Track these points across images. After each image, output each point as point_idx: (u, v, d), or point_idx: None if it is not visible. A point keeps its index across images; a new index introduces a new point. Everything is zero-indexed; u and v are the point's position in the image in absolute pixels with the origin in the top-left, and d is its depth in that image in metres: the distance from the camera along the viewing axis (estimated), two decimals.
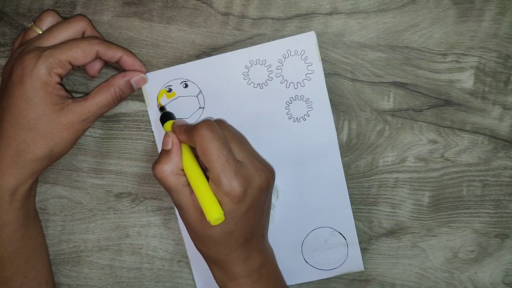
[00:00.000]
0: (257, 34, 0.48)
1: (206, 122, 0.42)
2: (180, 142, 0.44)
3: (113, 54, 0.45)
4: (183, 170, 0.43)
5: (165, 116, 0.47)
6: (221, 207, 0.41)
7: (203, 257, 0.46)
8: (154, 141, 0.50)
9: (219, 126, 0.43)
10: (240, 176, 0.41)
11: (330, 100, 0.48)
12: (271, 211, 0.49)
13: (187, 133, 0.43)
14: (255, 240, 0.45)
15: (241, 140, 0.45)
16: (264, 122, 0.48)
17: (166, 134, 0.44)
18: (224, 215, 0.41)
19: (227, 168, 0.41)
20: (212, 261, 0.45)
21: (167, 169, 0.43)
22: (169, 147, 0.43)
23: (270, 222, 0.49)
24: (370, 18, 0.47)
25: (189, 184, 0.43)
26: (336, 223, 0.50)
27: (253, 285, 0.45)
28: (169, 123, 0.46)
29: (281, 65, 0.47)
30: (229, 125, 0.46)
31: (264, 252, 0.47)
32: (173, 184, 0.43)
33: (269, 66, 0.47)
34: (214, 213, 0.41)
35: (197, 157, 0.44)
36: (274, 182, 0.46)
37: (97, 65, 0.47)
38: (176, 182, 0.43)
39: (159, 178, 0.43)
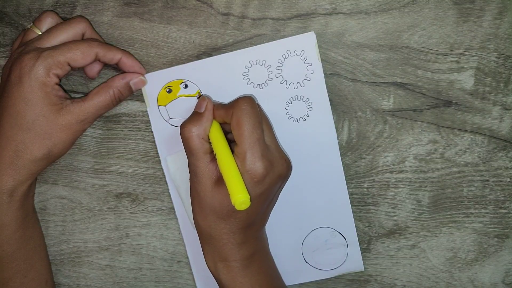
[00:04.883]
0: (257, 34, 0.48)
1: (249, 98, 0.42)
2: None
3: (112, 56, 0.45)
4: (208, 137, 0.43)
5: None
6: None
7: (199, 234, 0.45)
8: (154, 141, 0.50)
9: None
10: (265, 159, 0.41)
11: (330, 100, 0.48)
12: None
13: (226, 107, 0.43)
14: (255, 228, 0.45)
15: (271, 127, 0.45)
16: None
17: (202, 97, 0.45)
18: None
19: (256, 147, 0.41)
20: (206, 239, 0.45)
21: (194, 130, 0.43)
22: (202, 110, 0.44)
23: None
24: (370, 18, 0.47)
25: (210, 153, 0.43)
26: (336, 223, 0.50)
27: (244, 270, 0.44)
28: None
29: (281, 65, 0.47)
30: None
31: (260, 240, 0.47)
32: (196, 147, 0.42)
33: (269, 66, 0.47)
34: (241, 195, 0.39)
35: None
36: (290, 175, 0.45)
37: (96, 67, 0.47)
38: (199, 146, 0.42)
39: (185, 138, 0.43)
